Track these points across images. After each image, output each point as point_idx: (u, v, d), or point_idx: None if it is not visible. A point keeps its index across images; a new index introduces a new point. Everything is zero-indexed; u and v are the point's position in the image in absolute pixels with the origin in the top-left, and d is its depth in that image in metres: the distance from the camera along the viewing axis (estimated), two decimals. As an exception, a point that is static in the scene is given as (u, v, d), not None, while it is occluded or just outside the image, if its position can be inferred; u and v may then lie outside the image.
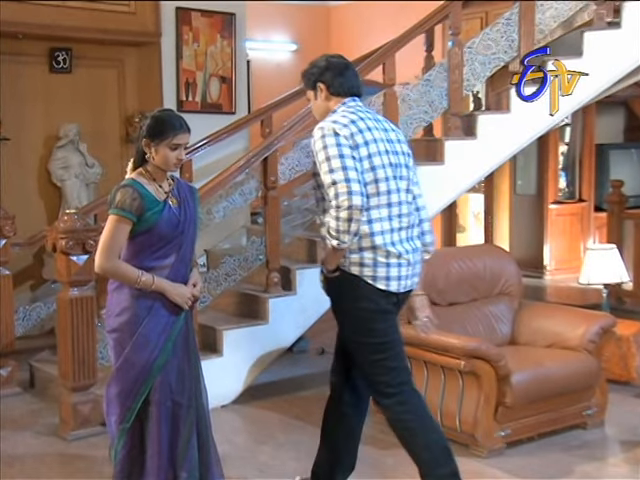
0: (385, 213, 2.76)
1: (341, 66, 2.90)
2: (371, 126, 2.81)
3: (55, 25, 5.28)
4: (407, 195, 2.86)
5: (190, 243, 2.81)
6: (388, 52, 4.67)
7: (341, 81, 2.86)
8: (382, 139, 2.81)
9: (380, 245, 2.73)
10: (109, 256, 2.65)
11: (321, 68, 2.90)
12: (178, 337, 2.76)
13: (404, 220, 2.81)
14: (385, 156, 2.79)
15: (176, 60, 5.76)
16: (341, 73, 2.88)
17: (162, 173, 2.76)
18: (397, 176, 2.81)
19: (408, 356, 3.72)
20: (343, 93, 2.86)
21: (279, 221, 4.52)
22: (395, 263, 2.76)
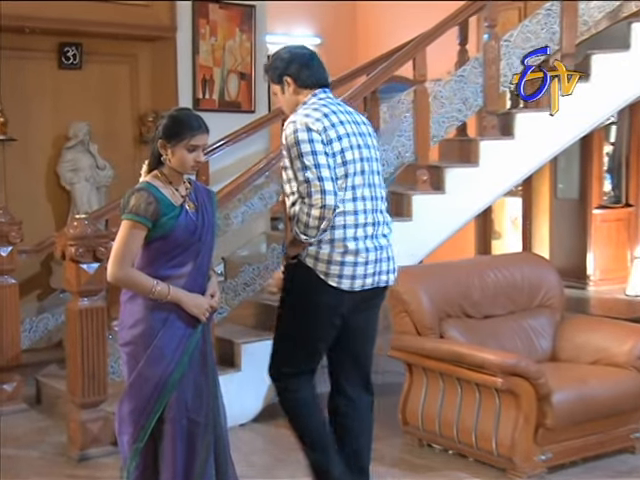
0: (350, 207, 2.87)
1: (306, 57, 2.99)
2: (343, 120, 2.91)
3: (64, 19, 5.33)
4: (377, 190, 2.96)
5: (208, 250, 2.83)
6: (419, 46, 4.68)
7: (308, 73, 2.95)
8: (354, 133, 2.91)
9: (339, 239, 2.85)
10: (122, 264, 2.67)
11: (285, 61, 2.98)
12: (195, 351, 2.77)
13: (369, 216, 2.91)
14: (357, 150, 2.90)
15: (192, 55, 5.79)
16: (307, 64, 2.96)
17: (179, 176, 2.78)
18: (367, 171, 2.92)
19: (440, 372, 3.76)
20: (312, 85, 2.95)
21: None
22: (351, 261, 2.88)
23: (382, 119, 5.37)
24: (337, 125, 2.88)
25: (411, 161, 4.90)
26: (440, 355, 3.74)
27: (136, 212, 2.66)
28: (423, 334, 3.92)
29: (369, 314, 3.06)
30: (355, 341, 3.05)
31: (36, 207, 5.61)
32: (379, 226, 2.96)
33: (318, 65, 3.00)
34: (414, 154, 4.84)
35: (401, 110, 5.21)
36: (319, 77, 2.98)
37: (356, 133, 2.92)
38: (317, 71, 2.98)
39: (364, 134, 2.96)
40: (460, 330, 3.94)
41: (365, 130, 2.99)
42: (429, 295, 3.95)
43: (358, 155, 2.91)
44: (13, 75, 5.51)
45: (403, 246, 4.67)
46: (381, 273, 2.96)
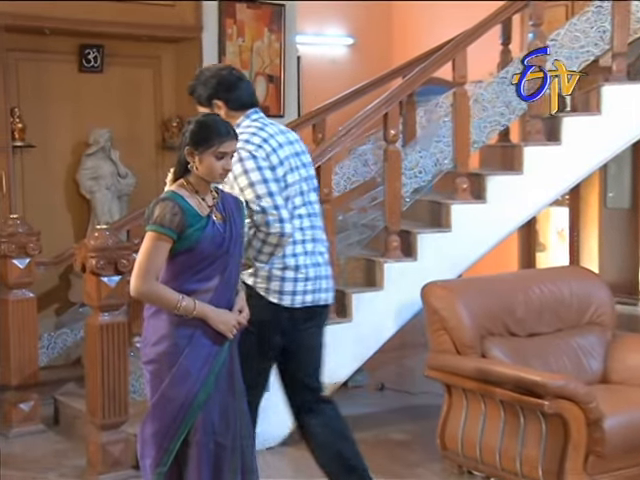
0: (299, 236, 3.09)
1: (233, 79, 3.16)
2: (282, 141, 3.12)
3: (85, 20, 5.40)
4: (314, 207, 3.18)
5: (236, 264, 2.84)
6: (459, 46, 4.68)
7: (238, 94, 3.14)
8: (292, 154, 3.13)
9: (278, 256, 3.05)
10: (146, 278, 2.69)
11: (213, 84, 3.14)
12: (222, 370, 2.78)
13: (308, 233, 3.12)
14: (296, 172, 3.12)
15: (218, 57, 5.84)
16: (236, 86, 3.14)
17: (206, 185, 2.80)
18: (305, 190, 3.14)
19: (481, 394, 3.73)
20: (242, 106, 3.14)
21: (333, 238, 4.53)
22: (291, 277, 3.08)
23: (419, 124, 5.38)
24: (277, 149, 3.08)
25: (450, 168, 4.89)
26: (481, 376, 3.71)
27: (161, 223, 2.68)
28: (463, 353, 3.90)
29: (313, 333, 3.21)
30: (300, 361, 3.21)
31: (55, 217, 5.67)
32: (317, 243, 3.17)
33: (247, 85, 3.19)
34: (453, 161, 4.83)
35: (439, 114, 5.21)
36: (248, 98, 3.16)
37: (293, 154, 3.13)
38: (246, 92, 3.15)
39: (299, 153, 3.16)
40: (503, 349, 3.91)
41: (299, 149, 3.18)
42: (469, 311, 3.93)
43: (297, 176, 3.12)
44: (32, 78, 5.59)
45: (441, 259, 4.70)
46: (320, 291, 3.14)
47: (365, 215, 5.19)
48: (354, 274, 4.80)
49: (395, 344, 5.16)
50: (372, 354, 4.65)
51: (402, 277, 4.63)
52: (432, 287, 4.05)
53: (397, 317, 4.65)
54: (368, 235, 4.91)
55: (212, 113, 3.00)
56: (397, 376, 5.95)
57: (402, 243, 4.68)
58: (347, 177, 5.30)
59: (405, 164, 4.82)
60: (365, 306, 4.56)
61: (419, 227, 4.81)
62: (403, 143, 5.15)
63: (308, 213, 3.15)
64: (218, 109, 3.12)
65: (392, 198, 4.63)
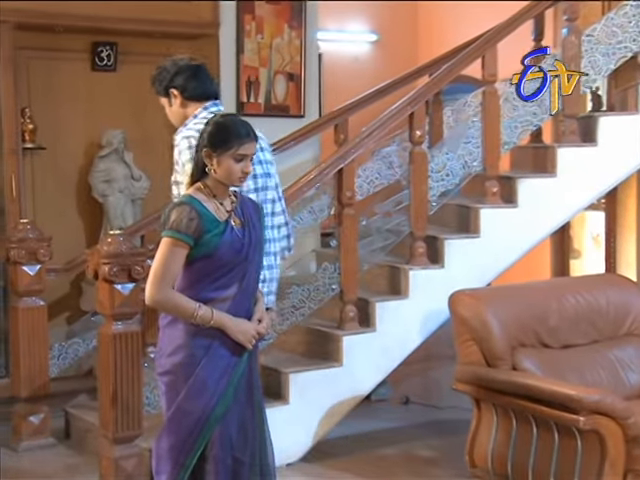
0: None
1: (192, 68, 3.27)
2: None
3: (98, 16, 5.42)
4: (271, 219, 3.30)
5: (255, 271, 2.86)
6: (489, 42, 4.67)
7: (195, 85, 3.24)
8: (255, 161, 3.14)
9: None
10: (162, 286, 2.71)
11: (170, 73, 3.27)
12: (240, 381, 2.79)
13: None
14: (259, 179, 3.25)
15: (236, 55, 5.85)
16: (194, 76, 3.24)
17: (224, 188, 2.82)
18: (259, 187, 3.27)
19: (512, 408, 3.71)
20: (199, 97, 3.24)
21: (356, 244, 4.54)
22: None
23: (446, 124, 5.37)
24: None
25: (479, 171, 4.88)
26: (512, 389, 3.69)
27: (177, 228, 2.69)
28: (493, 365, 3.88)
29: None
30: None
31: (66, 221, 5.70)
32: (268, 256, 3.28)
33: (205, 77, 3.28)
34: (482, 163, 4.82)
35: (468, 114, 5.20)
36: (207, 89, 3.26)
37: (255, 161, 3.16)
38: (204, 83, 3.26)
39: (262, 162, 3.29)
40: (535, 361, 3.89)
41: (262, 157, 3.29)
42: (500, 321, 3.91)
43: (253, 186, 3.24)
44: (43, 77, 5.63)
45: (469, 266, 4.69)
46: (269, 294, 3.32)
47: (389, 220, 5.19)
48: (378, 282, 4.81)
49: (421, 355, 5.16)
50: (396, 366, 4.65)
51: (428, 285, 4.62)
52: (460, 296, 4.04)
53: (423, 327, 4.65)
54: (392, 241, 4.91)
55: (231, 113, 3.02)
56: (423, 389, 5.93)
57: (428, 249, 4.68)
58: (370, 180, 5.30)
59: (431, 166, 4.81)
60: (389, 315, 4.55)
61: (446, 233, 4.81)
62: (429, 144, 5.14)
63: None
64: (174, 98, 3.25)
65: (418, 202, 4.63)
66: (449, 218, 4.93)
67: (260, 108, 5.94)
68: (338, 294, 4.56)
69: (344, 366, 4.44)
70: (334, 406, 4.42)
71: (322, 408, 4.40)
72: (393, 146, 5.35)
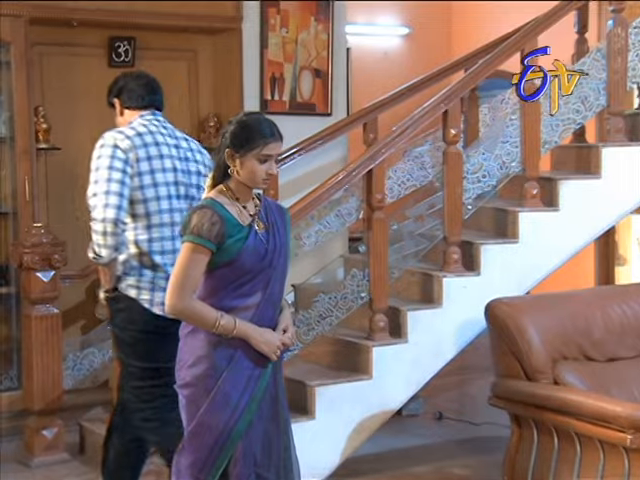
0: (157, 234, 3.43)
1: (135, 78, 3.67)
2: (160, 141, 3.49)
3: (116, 10, 5.47)
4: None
5: (280, 278, 2.87)
6: (528, 35, 4.66)
7: (130, 94, 3.61)
8: (171, 155, 3.49)
9: (158, 264, 3.39)
10: (183, 294, 2.72)
11: (117, 84, 3.68)
12: (264, 395, 2.81)
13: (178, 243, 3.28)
14: (171, 174, 3.46)
15: (260, 50, 5.87)
16: (135, 86, 3.62)
17: (247, 191, 2.83)
18: (182, 195, 3.48)
19: (554, 425, 3.68)
20: (136, 106, 3.59)
21: (386, 250, 4.53)
22: (161, 287, 3.32)
23: (482, 122, 5.35)
24: (150, 145, 3.45)
25: (518, 172, 4.86)
26: (554, 405, 3.67)
27: (198, 233, 2.71)
28: (533, 379, 3.86)
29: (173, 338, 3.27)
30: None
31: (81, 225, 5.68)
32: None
33: (148, 88, 3.62)
34: (521, 164, 4.80)
35: (506, 111, 5.17)
36: (144, 99, 3.59)
37: (174, 156, 3.50)
38: (143, 93, 3.60)
39: (188, 159, 3.54)
40: (578, 375, 3.86)
41: (190, 155, 3.55)
42: (540, 332, 3.89)
43: (172, 178, 3.47)
44: (57, 74, 5.67)
45: (507, 273, 4.67)
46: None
47: (422, 224, 5.18)
48: (409, 290, 4.79)
49: (455, 368, 5.14)
50: (429, 379, 4.64)
51: (463, 293, 4.61)
52: (497, 304, 4.02)
53: (457, 338, 4.63)
54: (425, 246, 4.90)
55: (255, 112, 3.03)
56: (457, 404, 5.91)
57: (463, 255, 4.66)
58: (402, 182, 5.29)
59: (467, 167, 4.80)
60: (421, 325, 4.54)
61: (482, 237, 4.79)
62: (464, 144, 5.13)
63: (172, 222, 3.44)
64: (117, 107, 3.65)
65: (452, 205, 4.62)
66: (485, 222, 4.92)
67: (285, 106, 5.96)
68: (367, 302, 4.55)
69: (374, 379, 4.43)
70: (363, 421, 4.42)
71: (350, 423, 4.39)
72: (426, 146, 5.34)
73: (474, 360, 5.52)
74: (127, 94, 3.64)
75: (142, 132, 3.49)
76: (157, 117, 3.62)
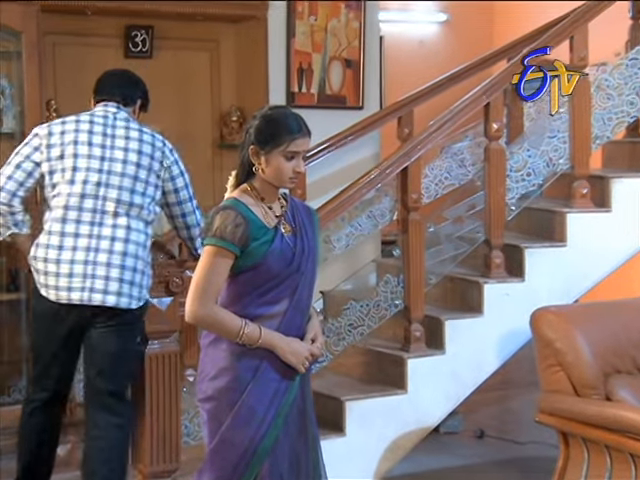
0: (57, 228, 3.66)
1: (108, 73, 4.02)
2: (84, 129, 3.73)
3: (133, -3, 5.53)
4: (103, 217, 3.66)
5: (308, 284, 2.87)
6: (578, 21, 4.64)
7: (99, 87, 3.95)
8: (93, 155, 3.69)
9: (38, 256, 3.67)
10: (204, 301, 2.73)
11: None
12: (292, 409, 2.81)
13: (82, 240, 3.62)
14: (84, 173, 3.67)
15: (287, 39, 5.88)
16: (103, 79, 3.97)
17: (273, 190, 2.84)
18: (100, 196, 3.66)
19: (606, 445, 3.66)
20: (98, 99, 3.91)
21: (422, 254, 4.53)
22: (42, 270, 3.65)
23: (527, 116, 5.33)
24: (68, 132, 3.72)
25: (566, 170, 4.84)
26: (606, 423, 3.65)
27: (221, 236, 2.71)
28: (583, 394, 3.84)
29: (101, 333, 3.69)
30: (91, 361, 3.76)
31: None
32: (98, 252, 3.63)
33: (109, 81, 3.95)
34: (570, 161, 4.78)
35: (552, 104, 5.15)
36: (103, 91, 3.90)
37: (97, 156, 3.69)
38: (105, 86, 3.93)
39: (114, 159, 3.70)
40: (633, 390, 3.83)
41: (121, 155, 3.71)
42: (591, 343, 3.87)
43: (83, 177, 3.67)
44: (71, 65, 5.70)
45: (554, 279, 4.65)
46: (92, 290, 3.61)
47: (461, 226, 5.17)
48: (448, 297, 4.79)
49: (497, 382, 5.12)
50: (469, 394, 4.63)
51: (506, 301, 4.60)
52: (544, 314, 4.00)
53: (500, 349, 4.62)
54: (465, 250, 4.89)
55: (281, 105, 3.04)
56: (500, 421, 5.88)
57: (506, 260, 4.65)
58: (439, 180, 5.28)
59: (510, 164, 4.79)
60: (461, 336, 4.54)
61: (527, 241, 4.78)
62: (507, 139, 5.11)
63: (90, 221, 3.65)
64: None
65: (494, 206, 4.60)
66: (531, 224, 4.90)
67: (313, 99, 5.96)
68: (402, 311, 4.55)
69: (409, 393, 4.43)
70: (397, 439, 4.41)
71: (384, 441, 4.39)
72: (465, 141, 5.33)
73: (518, 374, 5.50)
74: (97, 86, 3.98)
75: (68, 120, 3.78)
76: (107, 109, 3.84)
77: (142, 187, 3.72)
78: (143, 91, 4.04)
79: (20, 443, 3.89)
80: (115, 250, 3.63)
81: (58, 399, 3.87)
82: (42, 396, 3.82)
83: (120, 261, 3.63)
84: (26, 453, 3.88)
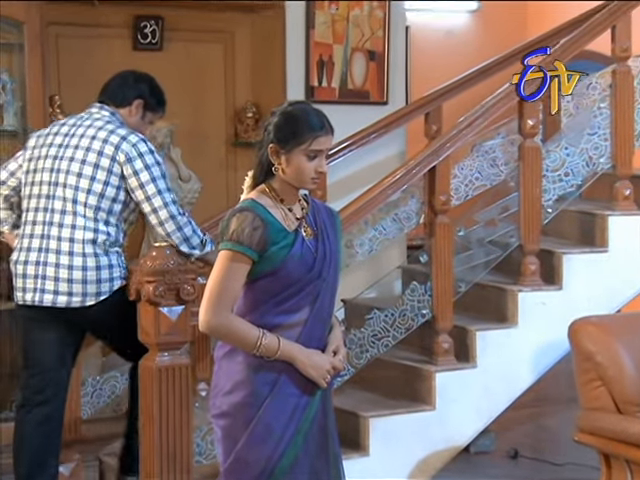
0: (22, 230, 3.99)
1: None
2: (53, 132, 4.02)
3: (141, -14, 5.56)
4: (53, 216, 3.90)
5: (330, 291, 2.87)
6: (621, 9, 4.62)
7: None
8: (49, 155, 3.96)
9: (11, 259, 3.99)
10: (219, 309, 2.72)
11: None
12: (312, 427, 2.81)
13: (35, 241, 3.91)
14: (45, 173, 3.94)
15: (306, 30, 5.89)
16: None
17: (293, 192, 2.84)
18: (52, 195, 3.92)
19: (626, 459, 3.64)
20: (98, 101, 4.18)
21: (451, 259, 4.54)
22: (13, 272, 3.97)
23: (565, 112, 5.30)
24: (44, 136, 4.03)
25: (607, 169, 4.84)
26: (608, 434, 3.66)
27: (238, 240, 2.71)
28: (626, 412, 3.83)
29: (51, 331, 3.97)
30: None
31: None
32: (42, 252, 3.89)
33: (108, 82, 4.21)
34: (611, 159, 4.78)
35: (593, 98, 5.13)
36: (100, 93, 4.17)
37: (52, 156, 3.95)
38: (103, 87, 4.20)
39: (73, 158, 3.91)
40: (680, 408, 3.81)
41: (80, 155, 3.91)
42: (634, 357, 3.87)
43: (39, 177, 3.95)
44: (76, 58, 5.73)
45: (594, 287, 4.64)
46: (43, 291, 3.88)
47: (493, 230, 5.17)
48: (479, 306, 4.78)
49: (532, 398, 5.12)
50: (502, 411, 4.63)
51: (542, 311, 4.59)
52: (583, 325, 3.99)
53: (535, 363, 4.62)
54: (497, 256, 4.88)
55: (302, 101, 3.05)
56: (535, 440, 5.86)
57: (542, 267, 4.65)
58: (470, 181, 5.26)
59: (547, 164, 4.78)
60: (493, 348, 4.54)
61: (565, 246, 4.77)
62: (544, 137, 5.09)
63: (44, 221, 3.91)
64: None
65: (529, 208, 4.60)
66: (569, 228, 4.89)
67: (334, 94, 5.97)
68: (429, 321, 4.55)
69: (437, 410, 4.44)
70: (425, 459, 4.41)
71: (410, 461, 4.39)
72: (498, 139, 5.31)
73: (555, 389, 5.48)
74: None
75: (51, 127, 4.12)
76: (90, 110, 4.11)
77: (99, 188, 3.88)
78: (142, 90, 4.17)
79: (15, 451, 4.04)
80: (62, 250, 3.86)
81: (47, 401, 4.02)
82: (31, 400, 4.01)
83: (68, 261, 3.84)
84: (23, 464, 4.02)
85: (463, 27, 8.24)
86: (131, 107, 4.12)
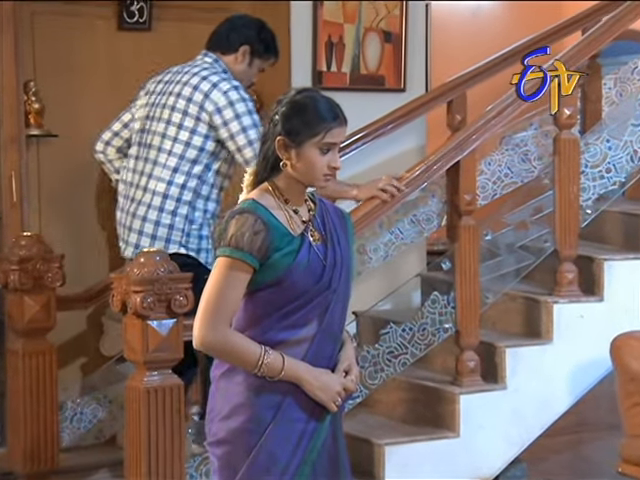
0: (125, 176, 4.50)
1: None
2: (163, 80, 4.46)
3: (127, -42, 5.56)
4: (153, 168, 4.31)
5: (341, 303, 2.87)
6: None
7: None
8: (152, 103, 4.41)
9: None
10: (216, 323, 2.72)
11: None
12: (321, 456, 2.81)
13: (132, 190, 4.39)
14: (143, 121, 4.45)
15: (313, 9, 5.89)
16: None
17: (300, 190, 2.84)
18: (153, 144, 4.32)
19: None
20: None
21: (477, 267, 4.53)
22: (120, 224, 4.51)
23: (606, 100, 5.32)
24: (145, 95, 4.48)
25: (655, 165, 4.83)
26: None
27: (237, 245, 2.71)
28: (675, 439, 3.82)
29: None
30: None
31: (83, 234, 5.78)
32: (134, 203, 4.37)
33: (216, 29, 4.50)
34: (660, 154, 4.78)
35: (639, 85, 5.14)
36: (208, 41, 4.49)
37: (154, 104, 4.38)
38: (211, 35, 4.51)
39: (165, 105, 4.33)
40: None
41: (171, 102, 4.31)
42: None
43: (138, 125, 4.44)
44: (53, 40, 5.71)
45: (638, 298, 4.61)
46: (128, 243, 4.40)
47: (525, 234, 5.16)
48: (509, 319, 4.79)
49: (570, 423, 5.11)
50: (535, 437, 4.63)
51: (580, 325, 4.60)
52: (627, 341, 4.00)
53: (572, 384, 4.62)
54: (529, 263, 4.88)
55: (311, 88, 3.04)
56: (572, 471, 5.85)
57: (581, 275, 4.65)
58: (498, 178, 5.28)
59: (586, 159, 4.78)
60: (525, 367, 4.55)
61: (606, 252, 4.77)
62: (582, 128, 5.10)
63: (141, 170, 4.36)
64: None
65: (566, 209, 4.60)
66: (611, 232, 4.90)
67: (345, 79, 5.97)
68: (453, 336, 4.55)
69: (462, 437, 4.45)
70: (448, 491, 4.42)
71: (431, 494, 4.40)
72: (530, 131, 5.33)
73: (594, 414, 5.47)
74: None
75: (163, 73, 4.52)
76: (201, 56, 4.46)
77: (186, 136, 4.24)
78: (249, 36, 4.40)
79: None
80: (143, 201, 4.32)
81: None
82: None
83: (144, 212, 4.31)
84: None
85: (489, 6, 8.25)
86: (237, 54, 4.39)
